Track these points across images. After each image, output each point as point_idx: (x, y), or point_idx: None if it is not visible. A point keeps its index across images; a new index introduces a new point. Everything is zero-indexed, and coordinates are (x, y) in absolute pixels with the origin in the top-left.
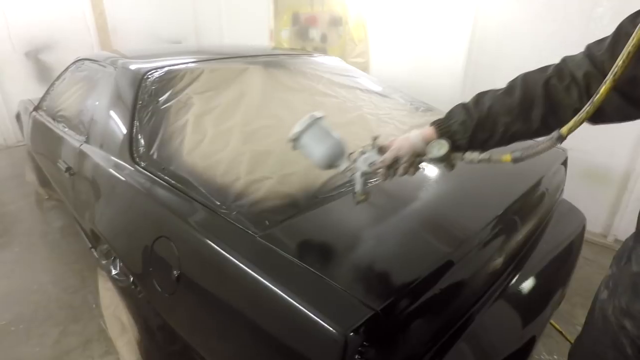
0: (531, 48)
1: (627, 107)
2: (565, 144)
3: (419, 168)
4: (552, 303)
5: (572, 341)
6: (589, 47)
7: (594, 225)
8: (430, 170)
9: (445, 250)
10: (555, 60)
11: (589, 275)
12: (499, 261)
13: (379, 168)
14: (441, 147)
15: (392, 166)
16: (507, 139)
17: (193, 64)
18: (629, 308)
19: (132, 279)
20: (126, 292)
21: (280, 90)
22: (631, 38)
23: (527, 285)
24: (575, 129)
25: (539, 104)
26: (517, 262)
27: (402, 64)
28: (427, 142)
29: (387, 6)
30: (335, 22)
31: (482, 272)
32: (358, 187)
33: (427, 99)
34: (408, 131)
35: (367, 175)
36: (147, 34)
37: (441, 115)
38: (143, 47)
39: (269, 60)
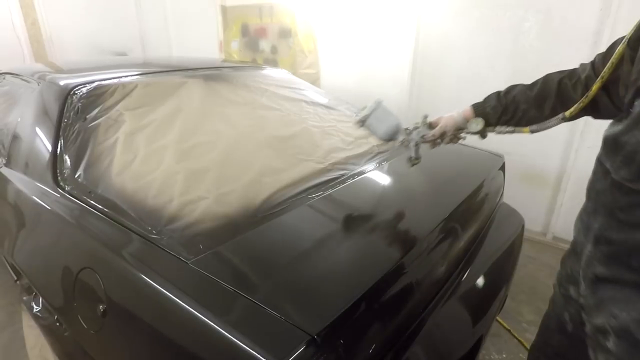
0: (469, 58)
1: (612, 107)
2: (502, 149)
3: (459, 139)
4: (497, 300)
5: (520, 339)
6: (595, 58)
7: (534, 225)
8: (374, 180)
9: (390, 260)
10: (490, 69)
11: (532, 273)
12: (445, 267)
13: (430, 140)
14: (478, 124)
15: (439, 138)
16: (524, 121)
17: (126, 78)
18: (572, 271)
19: (56, 316)
20: (50, 331)
21: (220, 105)
22: (615, 52)
23: (474, 286)
24: (575, 112)
25: (552, 97)
26: (462, 266)
27: (351, 74)
28: (467, 119)
29: (334, 18)
30: (285, 33)
31: (429, 279)
32: (413, 153)
33: None
34: (354, 142)
35: (419, 145)
36: (88, 45)
37: None
38: (81, 59)
39: (209, 74)
